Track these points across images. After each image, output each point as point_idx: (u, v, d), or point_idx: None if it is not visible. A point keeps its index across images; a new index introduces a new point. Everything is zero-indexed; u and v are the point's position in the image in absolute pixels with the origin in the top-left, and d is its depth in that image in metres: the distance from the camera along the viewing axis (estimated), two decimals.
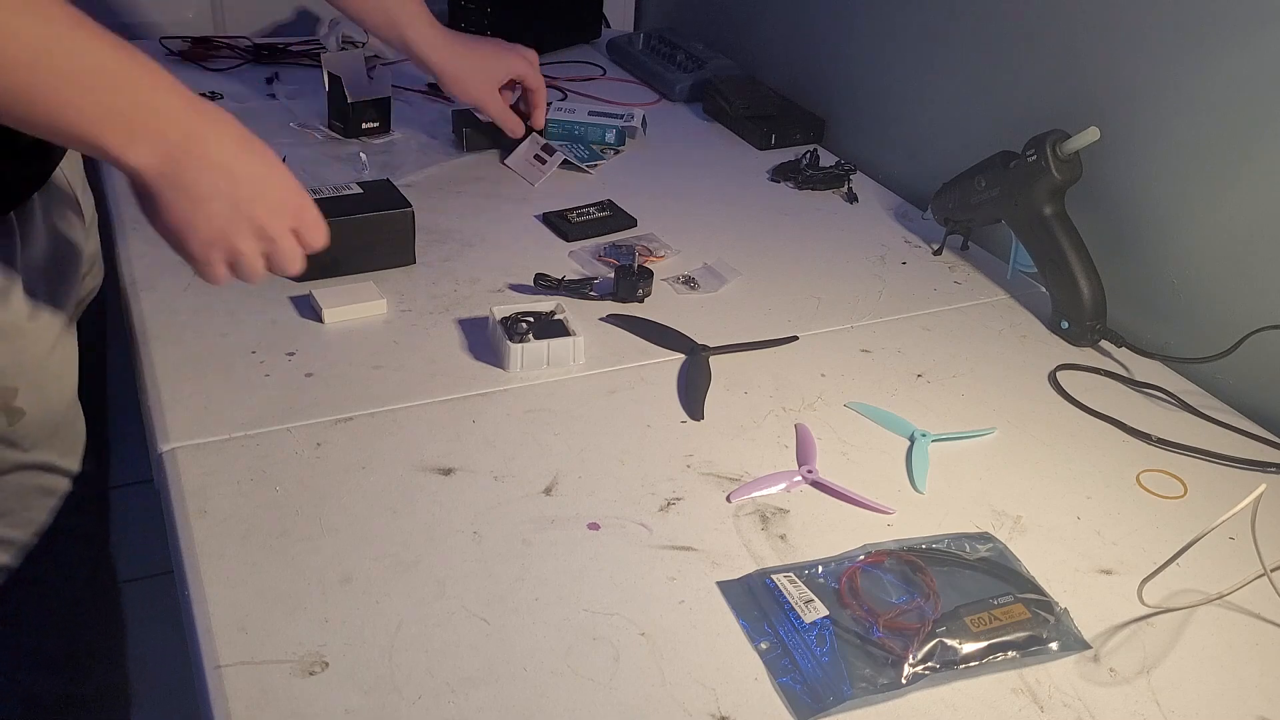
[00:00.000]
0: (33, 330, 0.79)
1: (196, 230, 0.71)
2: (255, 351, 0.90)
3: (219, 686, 0.61)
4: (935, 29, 1.26)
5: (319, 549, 0.71)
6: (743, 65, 1.60)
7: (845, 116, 1.43)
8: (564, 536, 0.74)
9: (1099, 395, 0.95)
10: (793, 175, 1.32)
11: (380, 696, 0.61)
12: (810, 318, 1.03)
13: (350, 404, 0.85)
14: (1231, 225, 0.96)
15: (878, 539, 0.76)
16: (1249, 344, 0.92)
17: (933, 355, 0.99)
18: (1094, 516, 0.81)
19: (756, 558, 0.74)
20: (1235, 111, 0.94)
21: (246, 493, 0.75)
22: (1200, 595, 0.74)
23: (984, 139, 1.16)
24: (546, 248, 1.12)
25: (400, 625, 0.66)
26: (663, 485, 0.80)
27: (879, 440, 0.87)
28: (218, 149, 0.70)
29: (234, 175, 0.71)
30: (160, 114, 0.67)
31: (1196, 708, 0.66)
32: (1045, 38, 1.11)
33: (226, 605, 0.66)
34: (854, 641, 0.67)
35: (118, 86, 0.65)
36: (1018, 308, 1.09)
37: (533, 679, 0.63)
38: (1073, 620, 0.70)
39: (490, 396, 0.88)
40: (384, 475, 0.78)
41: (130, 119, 0.66)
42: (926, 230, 1.21)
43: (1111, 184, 1.05)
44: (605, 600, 0.69)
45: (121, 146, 0.66)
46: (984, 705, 0.64)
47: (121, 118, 0.66)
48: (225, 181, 0.70)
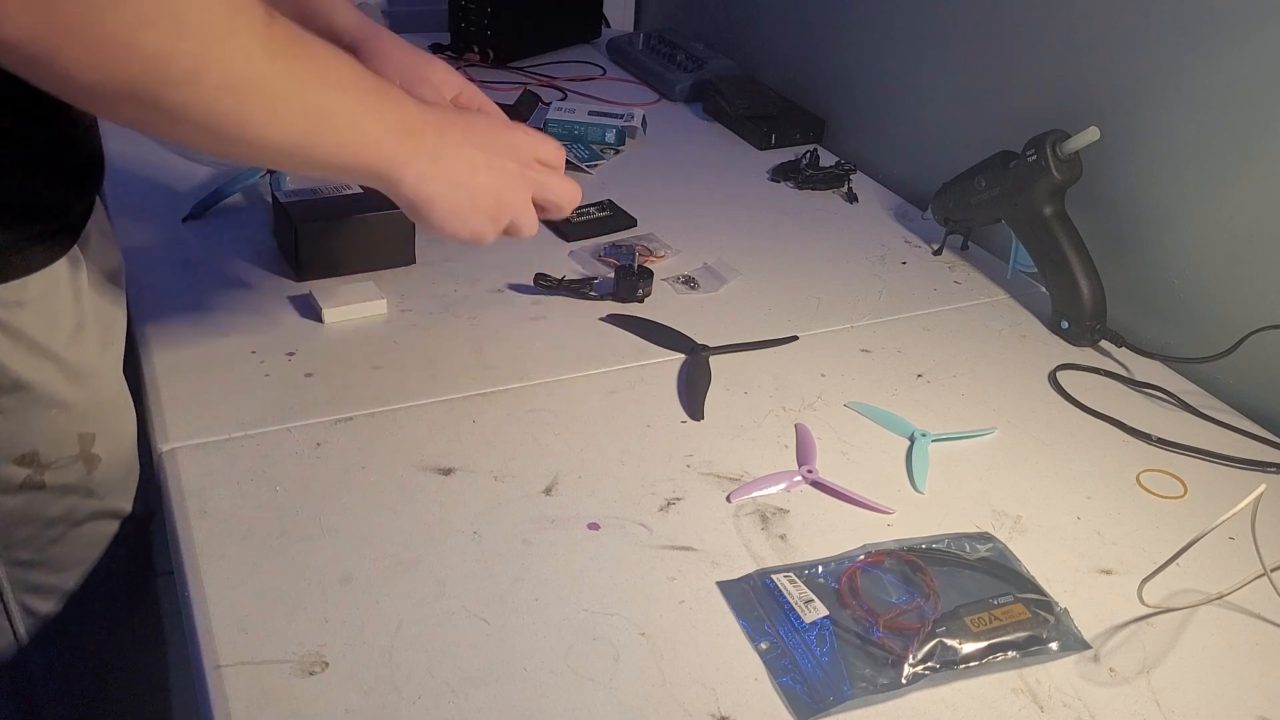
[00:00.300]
0: (102, 368, 0.73)
1: (478, 209, 0.73)
2: (255, 351, 0.90)
3: (219, 686, 0.61)
4: (935, 29, 1.26)
5: (319, 549, 0.71)
6: (743, 65, 1.60)
7: (845, 116, 1.43)
8: (564, 536, 0.74)
9: (1099, 395, 0.95)
10: (793, 175, 1.32)
11: (380, 696, 0.61)
12: (810, 318, 1.03)
13: (350, 404, 0.85)
14: (1231, 225, 0.96)
15: (878, 539, 0.76)
16: (1249, 344, 0.92)
17: (933, 355, 0.99)
18: (1094, 516, 0.81)
19: (756, 558, 0.74)
20: (1235, 111, 0.94)
21: (246, 493, 0.75)
22: (1200, 595, 0.74)
23: (984, 139, 1.16)
24: (546, 247, 1.12)
25: (400, 625, 0.66)
26: (663, 485, 0.80)
27: (879, 440, 0.87)
28: (452, 130, 0.71)
29: (477, 143, 0.72)
30: (413, 121, 0.68)
31: (1196, 708, 0.66)
32: (1045, 38, 1.11)
33: (226, 605, 0.66)
34: (854, 641, 0.67)
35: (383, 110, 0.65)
36: (1018, 308, 1.09)
37: (533, 679, 0.63)
38: (1073, 620, 0.70)
39: (490, 396, 0.88)
40: (384, 475, 0.78)
41: (400, 138, 0.67)
42: (926, 230, 1.21)
43: (1111, 184, 1.05)
44: (605, 600, 0.69)
45: (401, 165, 0.68)
46: (984, 705, 0.64)
47: (393, 138, 0.66)
48: (475, 152, 0.72)
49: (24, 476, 0.67)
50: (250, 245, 1.05)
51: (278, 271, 1.02)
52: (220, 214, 1.11)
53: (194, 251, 1.04)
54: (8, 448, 0.66)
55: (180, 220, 1.09)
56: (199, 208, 1.10)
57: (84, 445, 0.70)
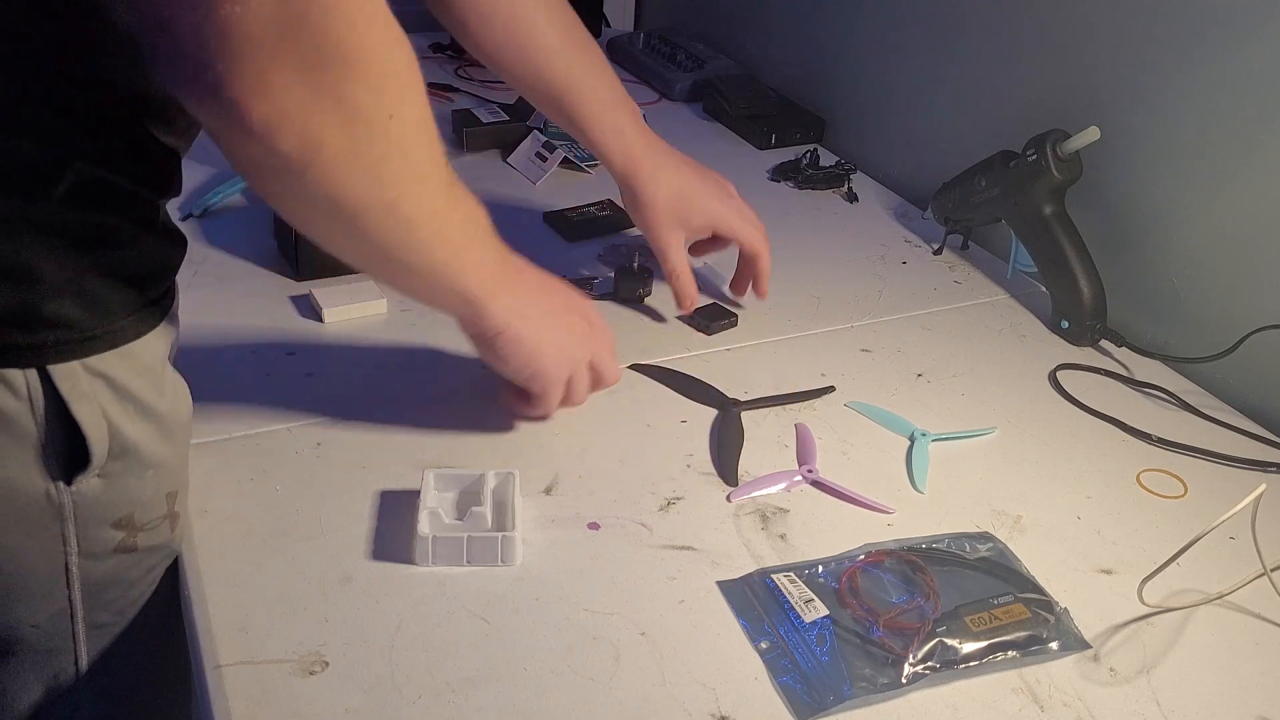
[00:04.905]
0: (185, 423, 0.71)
1: (544, 353, 0.78)
2: (255, 351, 0.90)
3: (219, 686, 0.61)
4: (935, 29, 1.26)
5: (319, 549, 0.71)
6: (743, 65, 1.60)
7: (845, 116, 1.43)
8: (564, 536, 0.74)
9: (1099, 395, 0.95)
10: (793, 175, 1.32)
11: (380, 696, 0.61)
12: (810, 317, 1.03)
13: (350, 404, 0.85)
14: (1232, 225, 0.96)
15: (878, 539, 0.76)
16: (1249, 344, 0.92)
17: (933, 355, 0.99)
18: (1094, 516, 0.81)
19: (756, 557, 0.74)
20: (1235, 111, 0.94)
21: (246, 493, 0.75)
22: (1200, 595, 0.74)
23: (984, 139, 1.16)
24: (547, 247, 1.12)
25: (400, 625, 0.66)
26: (663, 485, 0.80)
27: (879, 440, 0.87)
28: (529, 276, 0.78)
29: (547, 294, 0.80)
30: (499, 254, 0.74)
31: (1196, 708, 0.66)
32: (1045, 38, 1.11)
33: (226, 605, 0.66)
34: (854, 641, 0.67)
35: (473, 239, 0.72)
36: (1018, 308, 1.09)
37: (533, 679, 0.63)
38: (1073, 620, 0.70)
39: (490, 396, 0.87)
40: (384, 475, 0.78)
41: (490, 267, 0.74)
42: (926, 230, 1.21)
43: (1111, 184, 1.05)
44: (605, 600, 0.69)
45: (489, 296, 0.74)
46: (984, 705, 0.64)
47: (486, 268, 0.73)
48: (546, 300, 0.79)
49: (119, 540, 0.66)
50: (250, 245, 1.05)
51: (278, 271, 1.02)
52: (220, 214, 1.11)
53: (194, 251, 1.03)
54: (107, 512, 0.65)
55: (180, 220, 1.09)
56: (199, 207, 1.10)
57: (170, 504, 0.69)
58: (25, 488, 0.62)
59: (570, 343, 0.80)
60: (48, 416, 0.60)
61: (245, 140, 0.55)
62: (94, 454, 0.62)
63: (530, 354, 0.77)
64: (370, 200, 0.62)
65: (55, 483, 0.62)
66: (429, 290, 0.74)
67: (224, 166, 1.19)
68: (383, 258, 0.68)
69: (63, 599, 0.67)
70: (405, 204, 0.63)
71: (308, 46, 0.53)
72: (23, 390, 0.59)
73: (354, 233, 0.64)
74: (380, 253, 0.67)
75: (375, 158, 0.59)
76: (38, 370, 0.59)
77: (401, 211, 0.64)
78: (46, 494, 0.62)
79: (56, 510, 0.63)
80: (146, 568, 0.70)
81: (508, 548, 0.71)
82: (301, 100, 0.54)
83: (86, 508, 0.64)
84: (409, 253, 0.67)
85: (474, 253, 0.72)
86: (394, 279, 0.73)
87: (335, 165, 0.58)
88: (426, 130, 0.63)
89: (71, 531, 0.64)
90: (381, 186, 0.61)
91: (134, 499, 0.66)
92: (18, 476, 0.61)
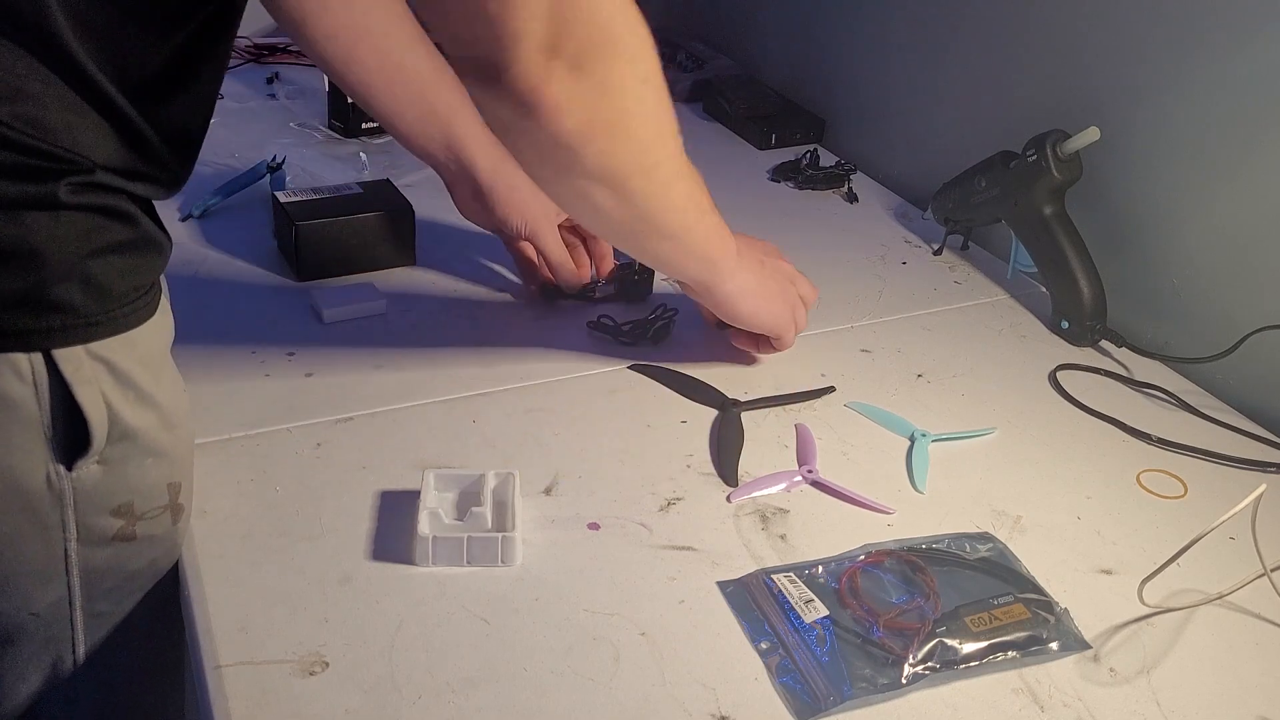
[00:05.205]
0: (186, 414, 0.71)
1: (773, 297, 0.89)
2: (255, 351, 0.90)
3: (219, 686, 0.61)
4: (935, 29, 1.26)
5: (319, 549, 0.71)
6: (743, 65, 1.60)
7: (845, 116, 1.43)
8: (564, 537, 0.74)
9: (1099, 395, 0.95)
10: (793, 175, 1.32)
11: (380, 696, 0.61)
12: (810, 317, 1.03)
13: (350, 404, 0.85)
14: (1232, 225, 0.96)
15: (878, 539, 0.76)
16: (1249, 344, 0.92)
17: (933, 355, 0.99)
18: (1094, 516, 0.81)
19: (756, 558, 0.74)
20: (1235, 111, 0.94)
21: (246, 493, 0.75)
22: (1200, 595, 0.74)
23: (984, 139, 1.16)
24: None
25: (400, 625, 0.66)
26: (663, 485, 0.80)
27: (879, 440, 0.87)
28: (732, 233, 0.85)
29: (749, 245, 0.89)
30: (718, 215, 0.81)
31: (1196, 708, 0.66)
32: (1045, 38, 1.11)
33: (226, 605, 0.66)
34: (854, 641, 0.67)
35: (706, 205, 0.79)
36: (1018, 308, 1.09)
37: (533, 679, 0.63)
38: (1073, 620, 0.70)
39: (490, 396, 0.88)
40: (384, 475, 0.78)
41: (721, 228, 0.82)
42: (926, 230, 1.21)
43: (1111, 184, 1.05)
44: (605, 600, 0.69)
45: (728, 253, 0.83)
46: (984, 705, 0.64)
47: (718, 229, 0.82)
48: (752, 251, 0.88)
49: (117, 528, 0.67)
50: (250, 245, 1.06)
51: (278, 271, 1.02)
52: (220, 214, 1.11)
53: (194, 251, 1.04)
54: (106, 499, 0.65)
55: (180, 220, 1.09)
56: (198, 208, 1.10)
57: (172, 495, 0.69)
58: (28, 472, 0.62)
59: (785, 285, 0.91)
60: (52, 401, 0.60)
61: (534, 126, 0.62)
62: (94, 437, 0.62)
63: (766, 300, 0.88)
64: (637, 166, 0.70)
65: (57, 467, 0.63)
66: (680, 252, 0.81)
67: (223, 166, 1.19)
68: (645, 224, 0.75)
69: (62, 586, 0.67)
70: (662, 168, 0.72)
71: (581, 32, 0.60)
72: (28, 374, 0.59)
73: (622, 200, 0.71)
74: (643, 219, 0.74)
75: (638, 125, 0.68)
76: (43, 354, 0.59)
77: (660, 175, 0.72)
78: (48, 479, 0.63)
79: (57, 496, 0.63)
80: (148, 559, 0.70)
81: (508, 548, 0.71)
82: (579, 81, 0.61)
83: (86, 494, 0.64)
84: (668, 213, 0.76)
85: (709, 216, 0.80)
86: (646, 245, 0.80)
87: (610, 137, 0.66)
88: (667, 95, 0.69)
89: (71, 518, 0.65)
90: (645, 151, 0.70)
91: (133, 487, 0.66)
92: (21, 461, 0.62)
